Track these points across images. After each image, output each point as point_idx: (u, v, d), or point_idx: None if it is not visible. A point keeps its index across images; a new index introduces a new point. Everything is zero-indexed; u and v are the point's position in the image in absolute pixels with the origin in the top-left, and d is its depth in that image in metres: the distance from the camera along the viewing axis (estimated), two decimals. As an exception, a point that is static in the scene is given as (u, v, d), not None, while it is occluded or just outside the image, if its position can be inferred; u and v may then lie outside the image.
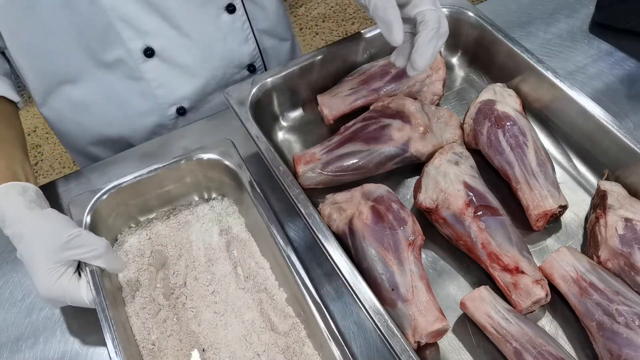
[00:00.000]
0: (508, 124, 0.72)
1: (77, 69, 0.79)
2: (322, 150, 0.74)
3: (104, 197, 0.68)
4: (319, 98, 0.81)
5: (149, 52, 0.79)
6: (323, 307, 0.59)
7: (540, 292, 0.61)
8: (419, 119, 0.73)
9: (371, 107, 0.78)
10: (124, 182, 0.69)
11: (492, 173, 0.75)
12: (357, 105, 0.80)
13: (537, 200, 0.67)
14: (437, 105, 0.82)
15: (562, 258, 0.63)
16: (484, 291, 0.61)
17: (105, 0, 0.72)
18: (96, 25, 0.75)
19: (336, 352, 0.57)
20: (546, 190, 0.67)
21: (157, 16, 0.77)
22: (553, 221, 0.71)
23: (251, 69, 0.91)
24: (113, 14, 0.74)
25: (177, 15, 0.78)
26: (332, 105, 0.80)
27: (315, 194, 0.74)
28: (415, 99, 0.80)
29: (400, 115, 0.74)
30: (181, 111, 0.89)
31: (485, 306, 0.60)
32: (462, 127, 0.77)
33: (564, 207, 0.69)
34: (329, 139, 0.76)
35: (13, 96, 0.75)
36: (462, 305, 0.62)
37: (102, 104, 0.84)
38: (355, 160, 0.73)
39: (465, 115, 0.77)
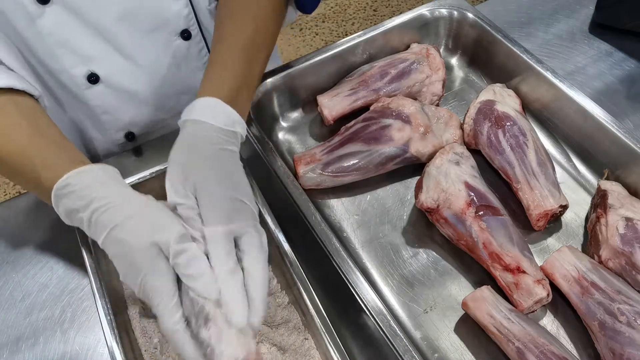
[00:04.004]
0: (508, 124, 0.72)
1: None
2: (323, 151, 0.74)
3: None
4: (319, 99, 0.81)
5: (93, 78, 0.74)
6: (323, 310, 0.59)
7: (542, 292, 0.61)
8: (419, 120, 0.73)
9: (371, 108, 0.78)
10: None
11: (492, 173, 0.75)
12: (356, 106, 0.80)
13: (537, 200, 0.67)
14: (437, 105, 0.82)
15: (563, 257, 0.63)
16: (486, 291, 0.61)
17: (44, 25, 0.67)
18: (36, 51, 0.70)
19: (336, 355, 0.57)
20: (547, 190, 0.68)
21: (101, 41, 0.72)
22: (553, 221, 0.71)
23: None
24: (52, 39, 0.69)
25: (123, 40, 0.73)
26: (331, 105, 0.80)
27: (316, 195, 0.74)
28: (415, 99, 0.80)
29: (401, 116, 0.74)
30: (130, 137, 0.84)
31: (487, 306, 0.60)
32: (462, 128, 0.77)
33: (564, 207, 0.69)
34: (329, 140, 0.76)
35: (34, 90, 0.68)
36: (464, 305, 0.62)
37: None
38: (355, 161, 0.73)
39: (465, 115, 0.77)
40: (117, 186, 0.54)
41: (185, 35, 0.77)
